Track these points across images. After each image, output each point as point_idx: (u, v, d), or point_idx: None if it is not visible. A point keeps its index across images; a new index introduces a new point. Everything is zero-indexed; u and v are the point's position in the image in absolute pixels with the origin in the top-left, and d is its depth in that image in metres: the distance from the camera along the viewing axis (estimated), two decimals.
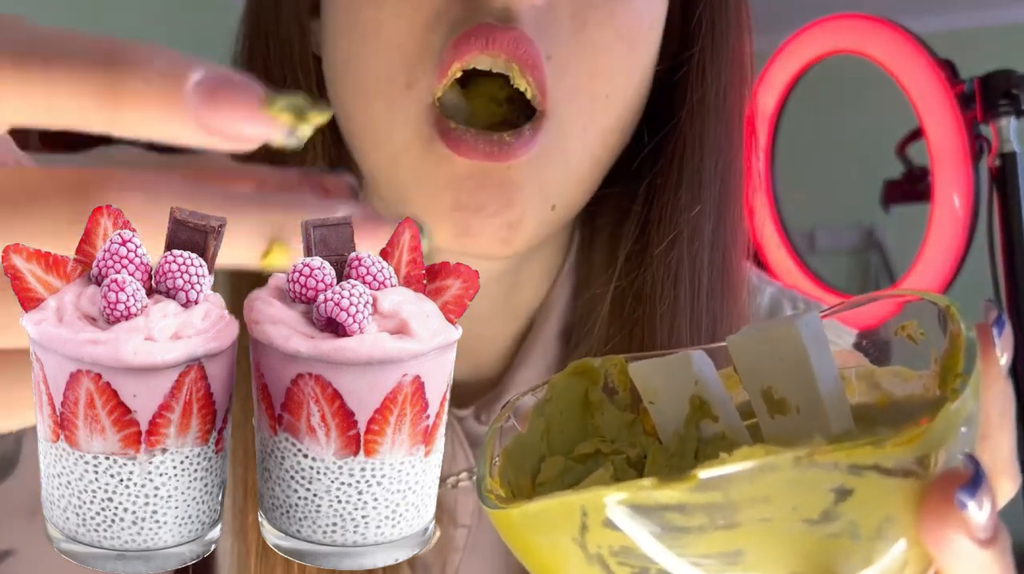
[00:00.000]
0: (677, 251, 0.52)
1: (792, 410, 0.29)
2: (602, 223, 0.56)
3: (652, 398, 0.32)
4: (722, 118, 0.53)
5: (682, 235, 0.52)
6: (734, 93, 0.54)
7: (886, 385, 0.32)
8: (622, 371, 0.34)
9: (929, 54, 0.99)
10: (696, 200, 0.52)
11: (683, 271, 0.52)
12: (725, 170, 0.53)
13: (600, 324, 0.54)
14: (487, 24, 0.44)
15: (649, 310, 0.52)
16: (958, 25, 3.43)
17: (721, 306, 0.53)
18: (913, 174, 1.30)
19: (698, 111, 0.53)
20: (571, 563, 0.26)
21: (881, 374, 0.32)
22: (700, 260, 0.52)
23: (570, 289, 0.57)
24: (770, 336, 0.29)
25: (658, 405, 0.32)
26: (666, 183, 0.53)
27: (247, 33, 0.55)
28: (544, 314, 0.57)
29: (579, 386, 0.34)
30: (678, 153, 0.53)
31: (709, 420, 0.31)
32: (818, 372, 0.28)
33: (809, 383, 0.29)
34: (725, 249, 0.53)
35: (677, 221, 0.52)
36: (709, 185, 0.52)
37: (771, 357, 0.29)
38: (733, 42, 0.53)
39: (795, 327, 0.28)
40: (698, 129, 0.53)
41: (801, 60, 1.15)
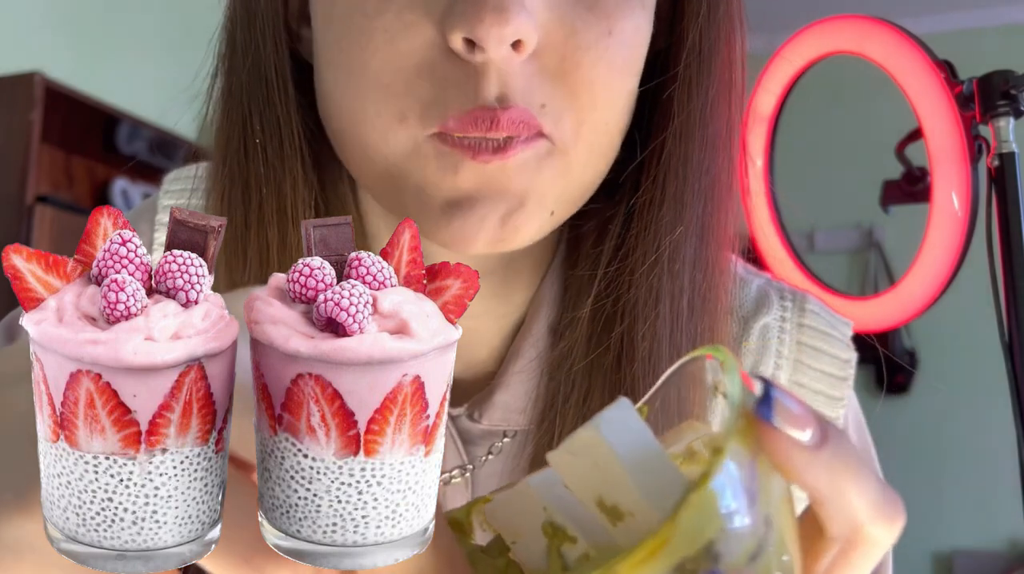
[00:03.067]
0: (658, 271, 0.52)
1: (627, 514, 0.27)
2: (587, 230, 0.57)
3: (513, 538, 0.31)
4: (707, 137, 0.53)
5: (663, 255, 0.52)
6: (721, 110, 0.53)
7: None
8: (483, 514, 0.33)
9: (928, 55, 0.99)
10: (679, 221, 0.52)
11: (663, 291, 0.52)
12: (708, 189, 0.53)
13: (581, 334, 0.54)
14: (488, 109, 0.45)
15: (630, 326, 0.52)
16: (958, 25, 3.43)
17: (702, 323, 0.53)
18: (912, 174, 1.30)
19: (683, 131, 0.52)
20: None
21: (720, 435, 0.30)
22: (681, 281, 0.52)
23: (559, 284, 0.57)
24: (581, 445, 0.27)
25: (520, 543, 0.31)
26: (649, 202, 0.53)
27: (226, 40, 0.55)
28: (535, 309, 0.57)
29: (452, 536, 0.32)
30: (661, 173, 0.52)
31: (568, 544, 0.29)
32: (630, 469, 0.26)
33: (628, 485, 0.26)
34: (707, 268, 0.53)
35: (659, 241, 0.52)
36: (692, 206, 0.52)
37: (589, 466, 0.27)
38: (722, 53, 0.53)
39: (597, 429, 0.27)
40: (682, 150, 0.52)
41: (801, 60, 1.15)
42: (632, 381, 0.52)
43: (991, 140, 0.94)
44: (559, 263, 0.58)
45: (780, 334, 0.60)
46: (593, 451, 0.27)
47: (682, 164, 0.52)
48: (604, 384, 0.53)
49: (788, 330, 0.61)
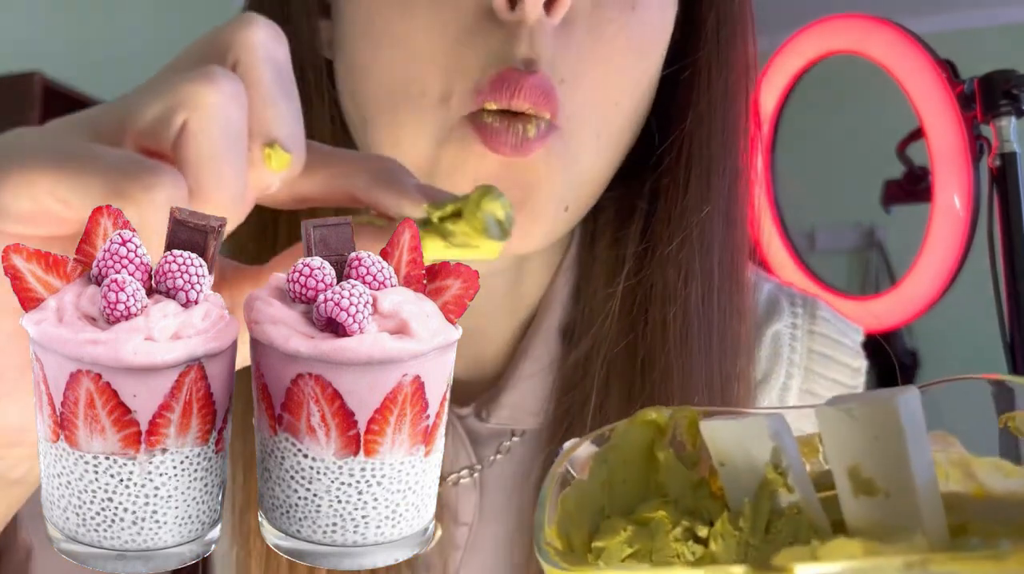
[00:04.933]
0: (688, 250, 0.52)
1: (880, 493, 0.27)
2: (604, 220, 0.56)
3: (724, 460, 0.30)
4: (729, 119, 0.53)
5: (691, 235, 0.52)
6: (740, 94, 0.54)
7: (982, 476, 0.30)
8: (692, 425, 0.32)
9: (929, 54, 0.99)
10: (706, 200, 0.53)
11: (694, 269, 0.52)
12: (732, 170, 0.53)
13: (607, 321, 0.54)
14: (515, 72, 0.45)
15: (660, 308, 0.52)
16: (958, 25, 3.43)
17: (730, 303, 0.53)
18: (913, 174, 1.30)
19: (706, 113, 0.53)
20: None
21: (977, 463, 0.30)
22: (710, 259, 0.53)
23: (571, 284, 0.57)
24: (865, 412, 0.27)
25: (729, 468, 0.30)
26: (674, 183, 0.53)
27: None
28: (545, 309, 0.57)
29: (645, 436, 0.33)
30: (685, 154, 0.53)
31: (784, 490, 0.29)
32: (914, 458, 0.27)
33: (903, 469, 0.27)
34: (733, 249, 0.54)
35: (687, 221, 0.52)
36: (718, 186, 0.53)
37: (863, 434, 0.27)
38: (739, 43, 0.54)
39: (894, 406, 0.27)
40: (706, 131, 0.53)
41: (801, 60, 1.15)
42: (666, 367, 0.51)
43: (992, 140, 0.93)
44: (572, 260, 0.58)
45: (792, 342, 0.60)
46: (879, 423, 0.27)
47: (707, 145, 0.53)
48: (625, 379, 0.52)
49: (800, 337, 0.60)
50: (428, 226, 0.32)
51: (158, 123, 0.30)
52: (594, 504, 0.31)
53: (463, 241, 0.32)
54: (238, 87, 0.31)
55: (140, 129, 0.31)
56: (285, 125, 0.32)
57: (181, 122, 0.30)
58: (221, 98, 0.30)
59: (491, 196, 0.31)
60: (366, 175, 0.34)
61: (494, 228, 0.32)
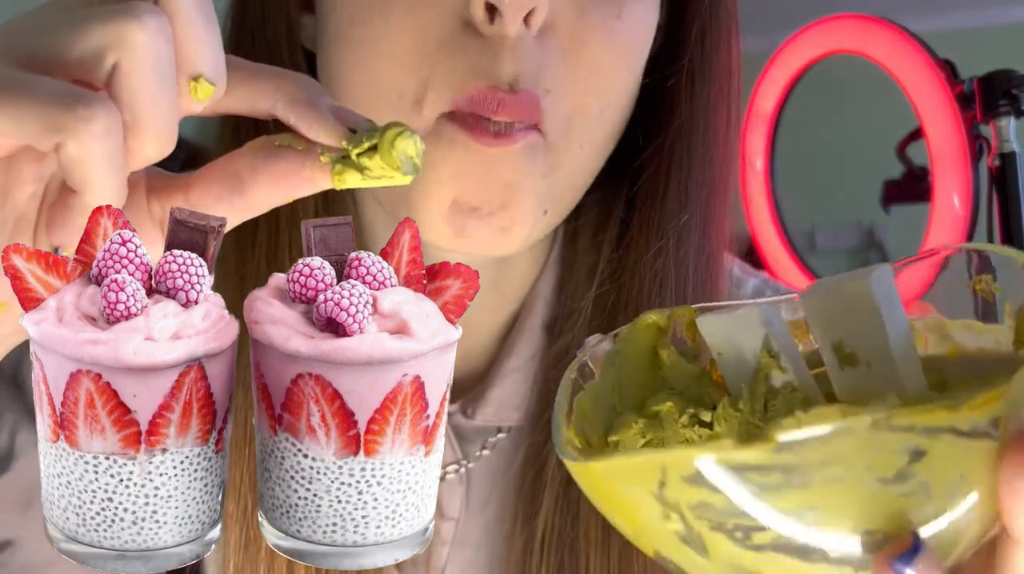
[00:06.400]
0: (663, 258, 0.53)
1: (863, 364, 0.30)
2: (584, 222, 0.57)
3: (721, 350, 0.33)
4: (710, 128, 0.54)
5: (668, 243, 0.52)
6: (723, 102, 0.54)
7: (957, 337, 0.32)
8: (690, 323, 0.35)
9: (929, 54, 0.99)
10: (683, 209, 0.53)
11: (668, 277, 0.53)
12: (712, 179, 0.54)
13: (583, 322, 0.54)
14: (498, 91, 0.45)
15: (633, 313, 0.52)
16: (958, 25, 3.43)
17: None
18: (913, 174, 1.30)
19: (687, 122, 0.53)
20: (649, 514, 0.27)
21: (951, 326, 0.33)
22: (686, 267, 0.53)
23: (555, 280, 0.58)
24: (842, 290, 0.30)
25: (727, 357, 0.33)
26: (653, 190, 0.54)
27: (233, 26, 0.54)
28: (529, 305, 0.57)
29: (648, 338, 0.35)
30: (665, 162, 0.53)
31: (778, 371, 0.32)
32: (889, 327, 0.29)
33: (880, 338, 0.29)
34: (710, 256, 0.54)
35: (664, 229, 0.53)
36: (696, 194, 0.53)
37: (843, 311, 0.30)
38: (723, 51, 0.54)
39: (867, 282, 0.29)
40: (687, 139, 0.53)
41: (801, 60, 1.15)
42: None
43: (992, 139, 0.94)
44: (556, 257, 0.58)
45: None
46: (855, 300, 0.29)
47: (686, 154, 0.53)
48: None
49: None
50: (346, 161, 0.34)
51: (89, 60, 0.31)
52: (607, 403, 0.34)
53: (379, 174, 0.33)
54: (162, 21, 0.31)
55: (69, 62, 0.31)
56: (209, 57, 0.33)
57: (112, 62, 0.31)
58: (148, 36, 0.31)
59: (404, 135, 0.33)
60: (284, 97, 0.34)
61: (407, 164, 0.33)
